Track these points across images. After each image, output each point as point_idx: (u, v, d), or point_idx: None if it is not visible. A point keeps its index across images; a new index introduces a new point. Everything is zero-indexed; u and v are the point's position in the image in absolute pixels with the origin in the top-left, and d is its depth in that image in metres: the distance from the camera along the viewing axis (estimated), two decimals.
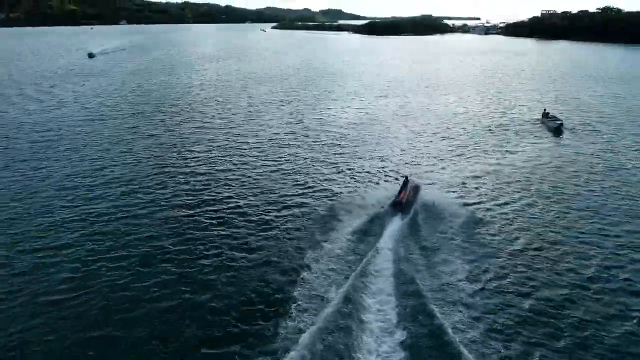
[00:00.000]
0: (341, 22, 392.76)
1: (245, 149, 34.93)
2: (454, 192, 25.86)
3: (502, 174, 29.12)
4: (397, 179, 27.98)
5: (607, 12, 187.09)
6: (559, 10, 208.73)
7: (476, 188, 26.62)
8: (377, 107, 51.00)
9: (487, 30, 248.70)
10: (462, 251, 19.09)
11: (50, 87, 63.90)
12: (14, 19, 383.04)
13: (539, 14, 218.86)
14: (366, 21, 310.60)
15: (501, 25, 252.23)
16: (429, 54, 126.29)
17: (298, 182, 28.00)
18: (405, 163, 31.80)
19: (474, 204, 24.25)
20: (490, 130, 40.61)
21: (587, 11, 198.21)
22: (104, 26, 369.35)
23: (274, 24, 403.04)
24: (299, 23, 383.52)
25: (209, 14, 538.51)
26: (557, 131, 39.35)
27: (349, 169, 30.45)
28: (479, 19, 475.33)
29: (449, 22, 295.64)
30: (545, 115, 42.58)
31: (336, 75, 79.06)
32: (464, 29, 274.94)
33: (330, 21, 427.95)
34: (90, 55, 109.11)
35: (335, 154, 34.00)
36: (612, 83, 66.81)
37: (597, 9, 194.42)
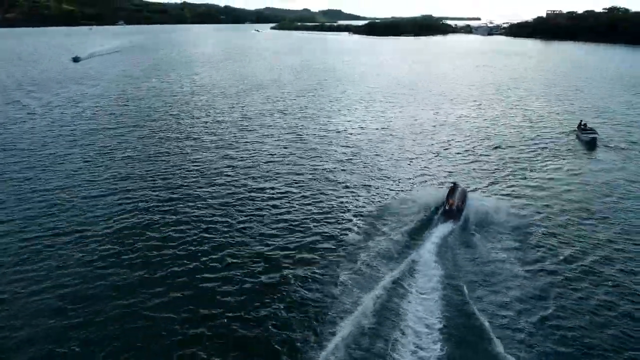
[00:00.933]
0: (341, 22, 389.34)
1: (237, 170, 30.39)
2: (498, 200, 24.80)
3: (539, 188, 27.11)
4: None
5: (614, 12, 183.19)
6: (565, 10, 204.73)
7: (519, 202, 24.99)
8: (387, 117, 46.42)
9: (491, 30, 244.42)
10: (515, 265, 18.47)
11: (20, 96, 57.58)
12: (11, 19, 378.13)
13: (542, 14, 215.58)
14: (366, 21, 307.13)
15: (505, 25, 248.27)
16: (436, 56, 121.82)
17: (332, 196, 25.30)
18: (432, 180, 28.62)
19: (519, 216, 23.02)
20: (517, 146, 36.37)
21: (593, 11, 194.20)
22: (102, 27, 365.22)
23: (273, 24, 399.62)
24: (299, 23, 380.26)
25: (208, 14, 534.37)
26: (591, 145, 35.83)
27: (376, 183, 27.92)
28: (479, 19, 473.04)
29: (452, 23, 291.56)
30: (582, 127, 38.42)
31: (338, 79, 74.54)
32: (467, 30, 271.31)
33: (329, 21, 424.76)
34: (76, 60, 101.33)
35: (351, 169, 30.02)
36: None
37: (604, 9, 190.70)
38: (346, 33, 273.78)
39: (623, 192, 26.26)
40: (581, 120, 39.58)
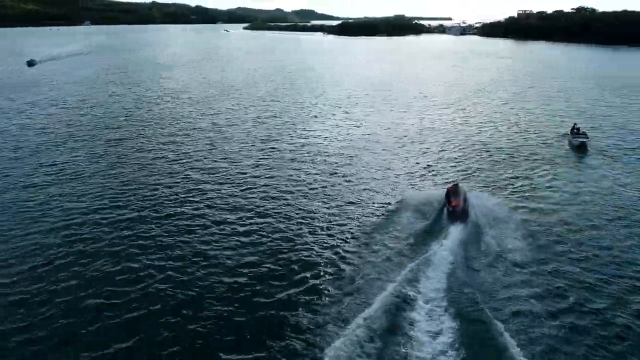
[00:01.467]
0: (314, 22, 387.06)
1: (205, 188, 26.66)
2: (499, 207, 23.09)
3: (535, 200, 24.73)
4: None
5: (582, 12, 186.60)
6: (535, 10, 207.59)
7: (517, 216, 22.32)
8: (368, 123, 43.35)
9: (464, 30, 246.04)
10: (529, 264, 17.87)
11: None
12: None
13: (514, 14, 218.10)
14: (339, 21, 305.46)
15: (477, 25, 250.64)
16: (413, 57, 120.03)
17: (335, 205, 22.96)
18: (423, 187, 26.49)
19: (523, 229, 20.96)
20: (508, 152, 34.04)
21: (562, 11, 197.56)
22: (67, 27, 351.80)
23: (245, 25, 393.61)
24: (272, 24, 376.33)
25: (178, 14, 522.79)
26: (580, 149, 34.04)
27: (365, 195, 25.39)
28: (450, 19, 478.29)
29: (425, 23, 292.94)
30: (574, 130, 36.36)
31: (314, 81, 71.30)
32: (440, 30, 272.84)
33: (303, 21, 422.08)
34: (30, 63, 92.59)
35: (334, 182, 26.82)
36: (629, 90, 61.30)
37: (572, 9, 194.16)
38: (320, 33, 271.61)
39: (624, 204, 24.08)
40: (574, 124, 37.61)
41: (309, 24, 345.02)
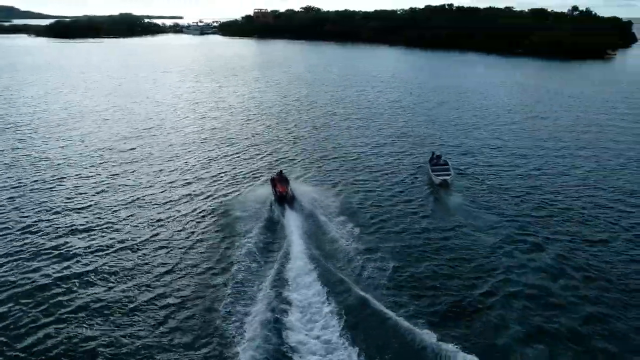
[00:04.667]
0: (17, 21, 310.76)
1: None
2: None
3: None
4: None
5: (309, 12, 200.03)
6: (269, 9, 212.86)
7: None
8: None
9: (203, 30, 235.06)
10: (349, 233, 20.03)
11: None
12: None
13: (249, 13, 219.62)
14: (53, 20, 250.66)
15: (215, 24, 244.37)
16: (177, 71, 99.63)
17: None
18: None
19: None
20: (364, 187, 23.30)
21: (293, 10, 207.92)
22: None
23: None
24: None
25: None
26: (442, 186, 26.47)
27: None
28: (182, 17, 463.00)
29: (158, 22, 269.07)
30: (434, 159, 28.87)
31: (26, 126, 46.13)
32: (177, 29, 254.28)
33: (1, 20, 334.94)
34: None
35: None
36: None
37: (301, 8, 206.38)
38: (25, 35, 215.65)
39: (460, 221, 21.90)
40: (433, 153, 30.17)
41: (7, 24, 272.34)
